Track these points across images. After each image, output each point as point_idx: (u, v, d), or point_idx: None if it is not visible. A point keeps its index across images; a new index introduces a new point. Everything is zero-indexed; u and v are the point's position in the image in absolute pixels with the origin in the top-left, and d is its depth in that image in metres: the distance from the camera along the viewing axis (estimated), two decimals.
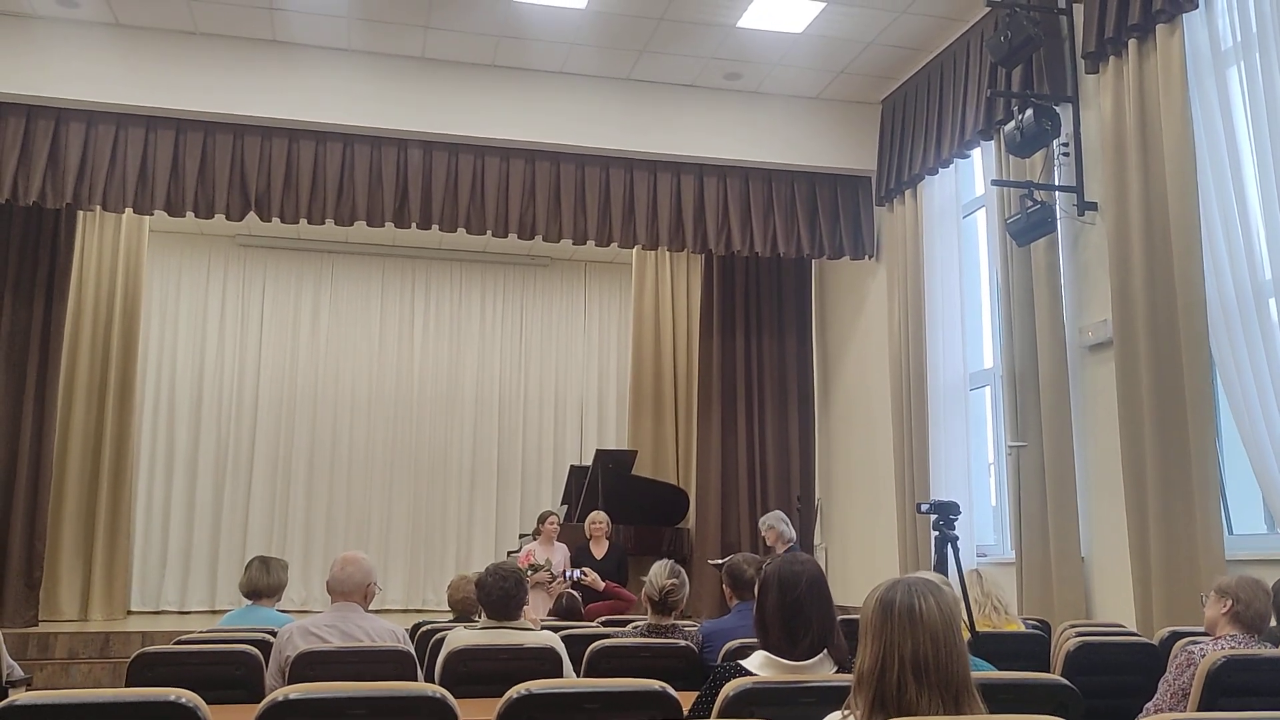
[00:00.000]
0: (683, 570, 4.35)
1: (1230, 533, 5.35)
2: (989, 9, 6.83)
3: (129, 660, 3.56)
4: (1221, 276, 5.27)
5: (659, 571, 4.26)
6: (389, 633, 3.83)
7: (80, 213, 8.87)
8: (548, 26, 7.71)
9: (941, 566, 4.19)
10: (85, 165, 7.60)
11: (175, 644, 3.87)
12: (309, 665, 3.37)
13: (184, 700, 2.22)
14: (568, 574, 7.26)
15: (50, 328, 8.65)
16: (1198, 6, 5.49)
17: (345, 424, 11.63)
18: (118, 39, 7.66)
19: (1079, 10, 6.45)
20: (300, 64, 7.93)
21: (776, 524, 7.24)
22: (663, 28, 7.70)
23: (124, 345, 9.75)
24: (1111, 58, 6.02)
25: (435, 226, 8.22)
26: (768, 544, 7.28)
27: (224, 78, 7.76)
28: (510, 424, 12.11)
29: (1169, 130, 5.55)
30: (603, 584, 7.30)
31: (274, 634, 3.89)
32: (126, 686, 3.33)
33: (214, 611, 10.33)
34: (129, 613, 10.06)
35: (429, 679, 3.69)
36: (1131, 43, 5.83)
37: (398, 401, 11.80)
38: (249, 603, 4.92)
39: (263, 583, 4.88)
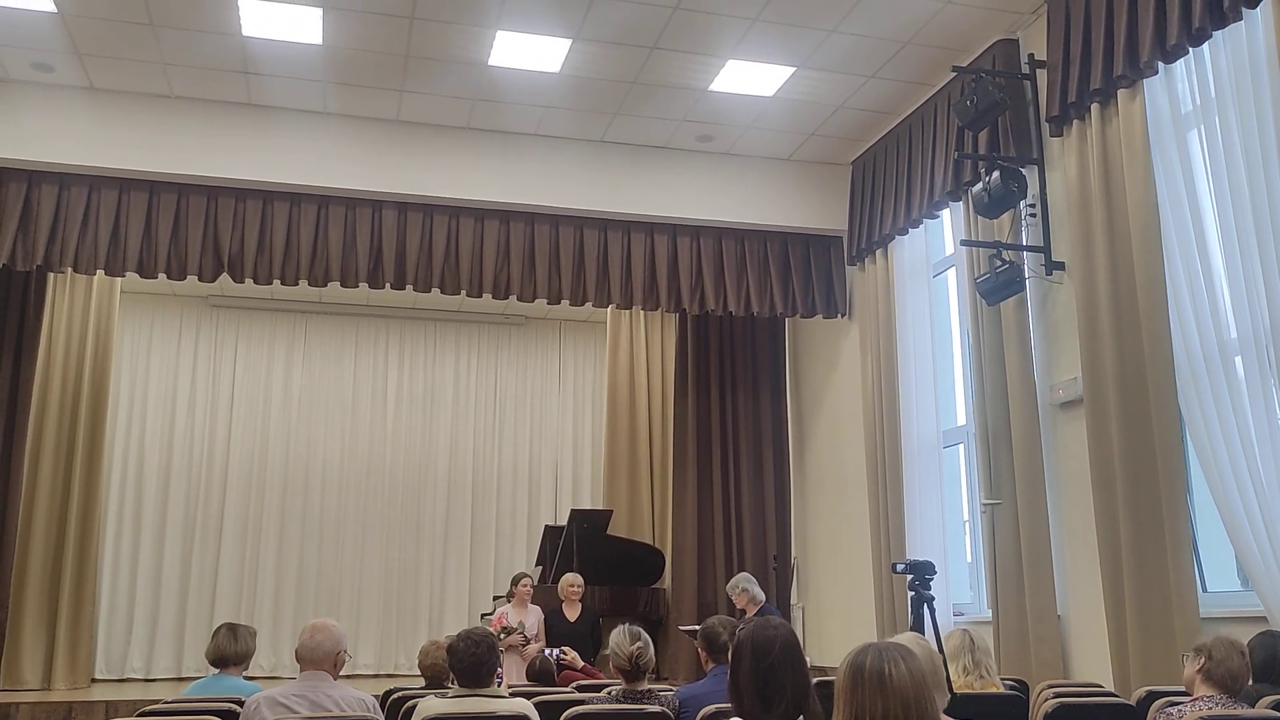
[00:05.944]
0: (643, 631, 4.30)
1: (1204, 590, 5.36)
2: (955, 74, 6.99)
3: None
4: (1188, 334, 5.34)
5: (620, 640, 4.20)
6: (359, 702, 3.76)
7: (51, 274, 8.82)
8: (522, 90, 7.80)
9: (918, 626, 4.17)
10: (57, 227, 7.57)
11: (139, 715, 3.78)
12: None
13: None
14: (546, 653, 7.10)
15: (18, 390, 8.55)
16: (1158, 72, 5.63)
17: (317, 486, 11.52)
18: (93, 102, 7.69)
19: (1042, 75, 6.60)
20: (275, 126, 7.97)
21: (749, 586, 7.18)
22: (636, 91, 7.81)
23: (93, 407, 9.65)
24: (1075, 121, 6.15)
25: (409, 287, 8.23)
26: (739, 607, 7.22)
27: (199, 140, 7.78)
28: (484, 484, 12.03)
29: (1133, 191, 5.65)
30: (581, 664, 7.19)
31: (241, 703, 3.81)
32: None
33: (180, 679, 10.12)
34: (93, 681, 9.83)
35: None
36: (1094, 107, 5.96)
37: (370, 462, 11.71)
38: (216, 671, 4.83)
39: (230, 650, 4.79)
